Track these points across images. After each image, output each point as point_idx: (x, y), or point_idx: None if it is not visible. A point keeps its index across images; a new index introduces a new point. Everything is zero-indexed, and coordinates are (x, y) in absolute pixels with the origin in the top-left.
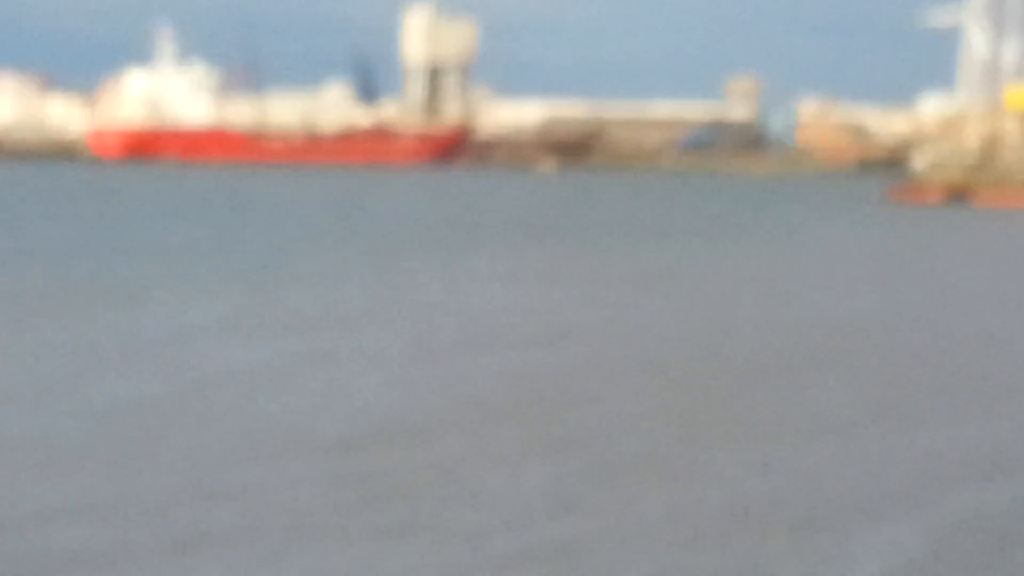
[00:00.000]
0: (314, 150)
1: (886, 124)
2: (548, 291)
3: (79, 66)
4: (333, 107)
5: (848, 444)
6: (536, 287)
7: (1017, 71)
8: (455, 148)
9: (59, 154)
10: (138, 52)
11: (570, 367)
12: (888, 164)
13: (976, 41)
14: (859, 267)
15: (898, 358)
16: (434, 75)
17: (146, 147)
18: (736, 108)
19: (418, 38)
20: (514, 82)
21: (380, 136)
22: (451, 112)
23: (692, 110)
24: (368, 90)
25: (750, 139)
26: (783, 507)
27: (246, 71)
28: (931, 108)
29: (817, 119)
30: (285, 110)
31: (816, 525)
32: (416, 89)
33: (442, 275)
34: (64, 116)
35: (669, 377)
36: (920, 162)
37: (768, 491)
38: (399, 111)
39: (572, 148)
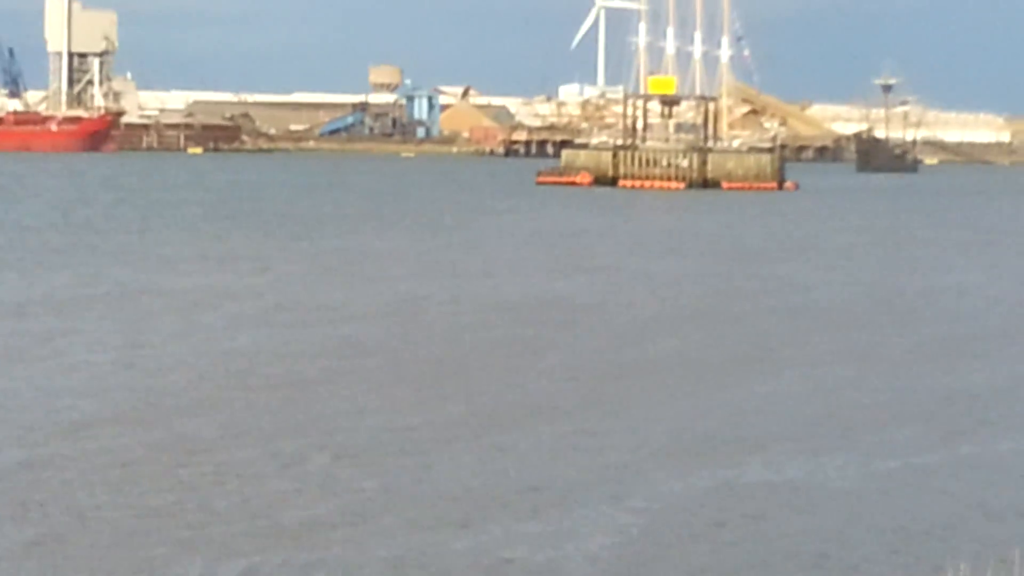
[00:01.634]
0: None
1: (529, 110)
2: (244, 275)
3: None
4: None
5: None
6: (235, 271)
7: (655, 60)
8: (103, 134)
9: None
10: None
11: (292, 348)
12: (535, 147)
13: (607, 32)
14: (533, 247)
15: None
16: (78, 63)
17: None
18: (380, 96)
19: (59, 27)
20: (158, 70)
21: (27, 123)
22: (97, 99)
23: (336, 98)
24: (12, 78)
25: (395, 124)
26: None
27: None
28: (573, 95)
29: (460, 105)
30: None
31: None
32: (60, 77)
33: (134, 258)
34: None
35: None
36: (567, 148)
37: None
38: (45, 98)
39: (219, 132)
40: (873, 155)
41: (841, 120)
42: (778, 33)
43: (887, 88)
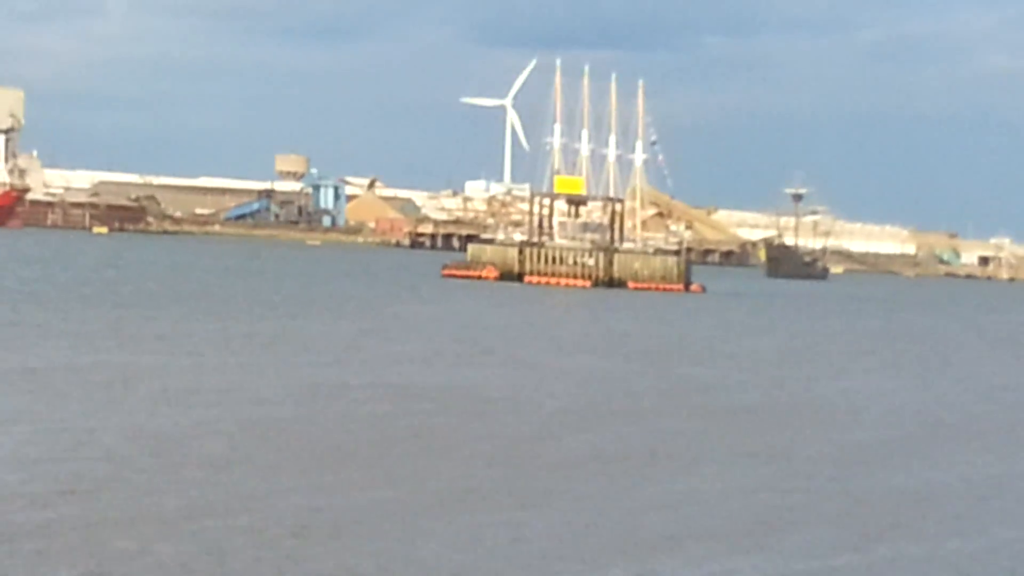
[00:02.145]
0: None
1: (436, 203)
2: (156, 355)
3: None
4: None
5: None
6: (148, 351)
7: (563, 160)
8: (7, 210)
9: None
10: None
11: (206, 429)
12: (440, 241)
13: (520, 132)
14: (443, 338)
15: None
16: None
17: None
18: (286, 184)
19: None
20: (65, 149)
21: None
22: (2, 175)
23: (242, 184)
24: None
25: (301, 213)
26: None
27: None
28: (479, 191)
29: (366, 196)
30: None
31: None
32: None
33: (44, 335)
34: None
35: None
36: (474, 242)
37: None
38: None
39: (125, 213)
40: (783, 261)
41: (747, 226)
42: (690, 139)
43: (797, 197)
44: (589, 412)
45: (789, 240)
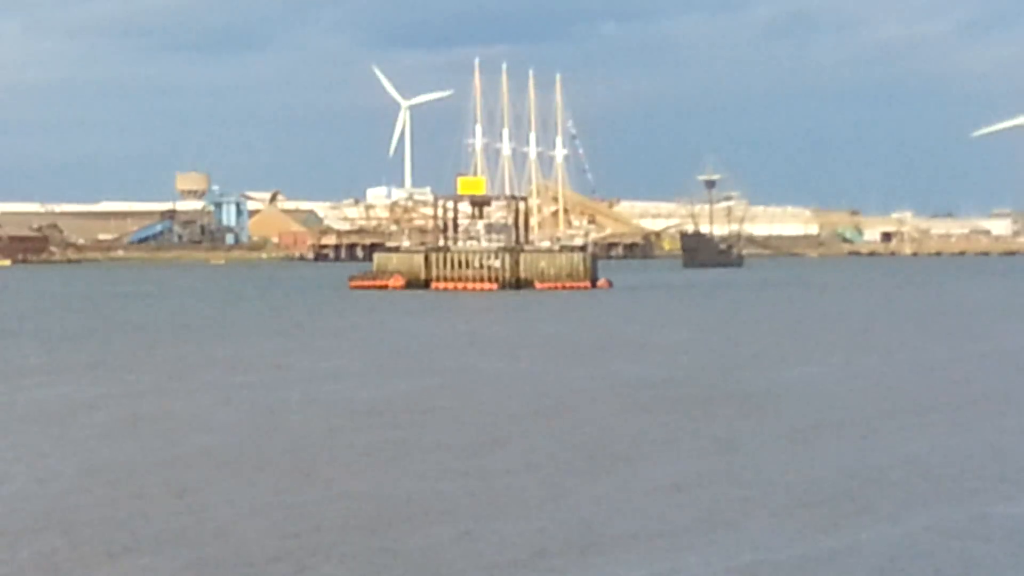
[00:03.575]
0: None
1: (338, 213)
2: (88, 386)
3: None
4: None
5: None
6: (77, 382)
7: (466, 162)
8: None
9: None
10: None
11: (154, 458)
12: (344, 251)
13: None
14: (367, 350)
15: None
16: None
17: None
18: (188, 203)
19: None
20: None
21: None
22: None
23: (144, 206)
24: None
25: (204, 232)
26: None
27: None
28: (381, 198)
29: (268, 211)
30: None
31: None
32: None
33: None
34: None
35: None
36: (379, 252)
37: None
38: None
39: (27, 244)
40: (699, 251)
41: (649, 216)
42: (596, 131)
43: (711, 184)
44: (526, 415)
45: (703, 228)
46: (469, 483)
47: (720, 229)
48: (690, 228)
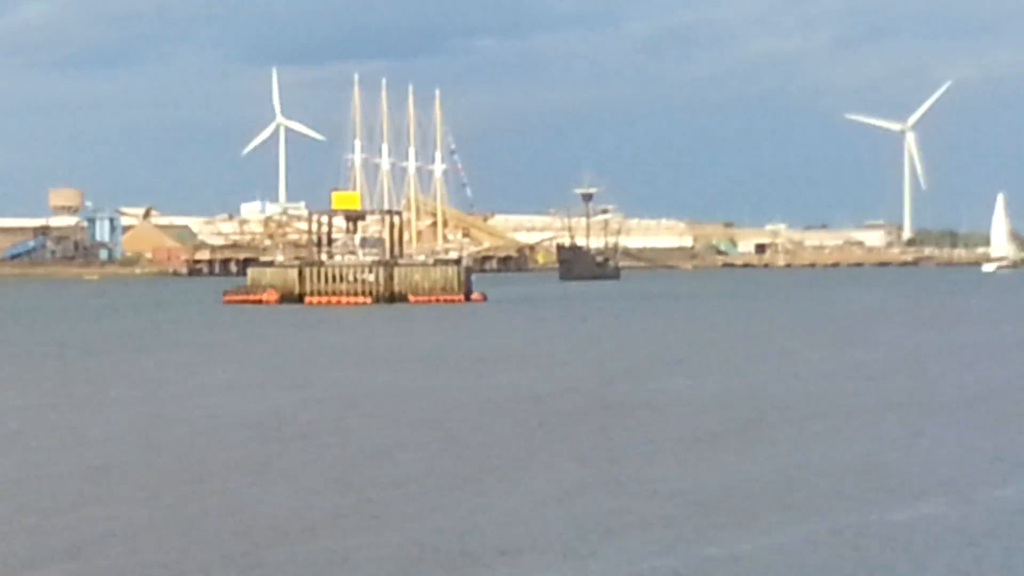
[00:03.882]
0: None
1: (212, 229)
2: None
3: None
4: None
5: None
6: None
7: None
8: None
9: None
10: None
11: (42, 473)
12: (219, 266)
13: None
14: (245, 365)
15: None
16: None
17: None
18: (61, 219)
19: None
20: None
21: None
22: None
23: (17, 222)
24: None
25: (78, 247)
26: None
27: None
28: (255, 213)
29: (142, 226)
30: None
31: None
32: None
33: None
34: None
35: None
36: (253, 266)
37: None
38: None
39: None
40: (576, 263)
41: (523, 229)
42: (474, 145)
43: (587, 197)
44: (410, 428)
45: (580, 241)
46: (348, 497)
47: (596, 242)
48: (566, 241)
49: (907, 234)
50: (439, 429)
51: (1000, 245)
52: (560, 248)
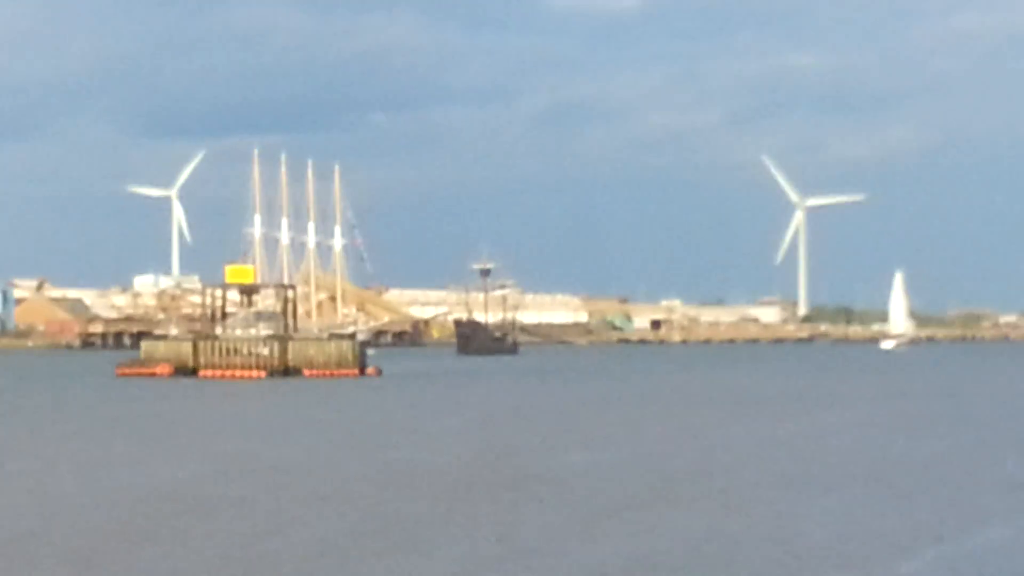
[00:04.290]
0: None
1: (105, 301)
2: None
3: None
4: None
5: None
6: None
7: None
8: None
9: None
10: None
11: None
12: (112, 339)
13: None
14: (136, 438)
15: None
16: None
17: None
18: None
19: None
20: None
21: None
22: None
23: None
24: None
25: None
26: None
27: None
28: (148, 286)
29: (35, 299)
30: None
31: None
32: None
33: None
34: None
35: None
36: (146, 339)
37: None
38: None
39: None
40: (473, 338)
41: (418, 304)
42: (371, 218)
43: (485, 272)
44: (307, 501)
45: (477, 315)
46: (249, 570)
47: (493, 317)
48: (460, 315)
49: (802, 310)
50: (340, 503)
51: (899, 322)
52: (458, 323)
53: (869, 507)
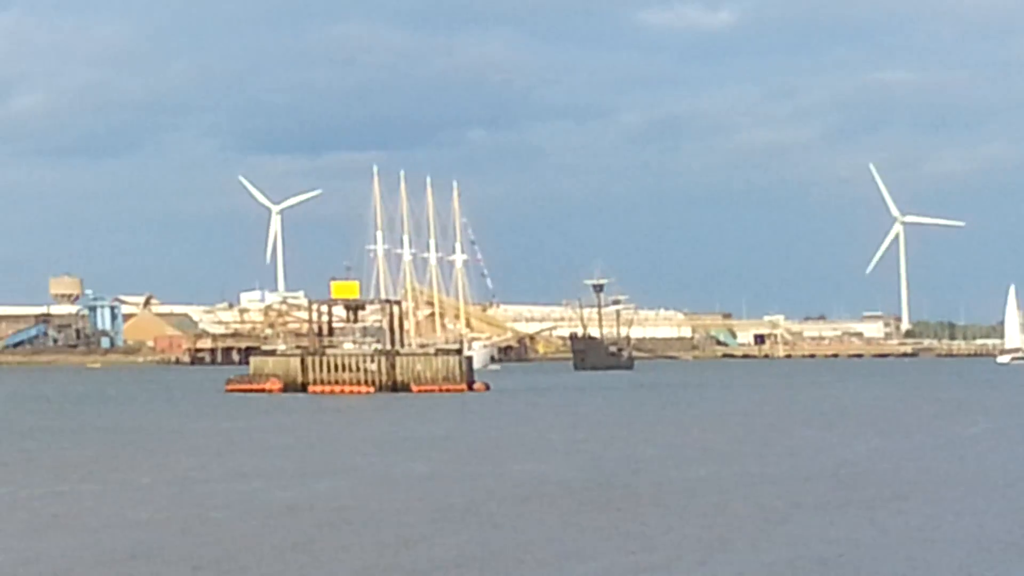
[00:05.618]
0: None
1: (212, 317)
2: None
3: None
4: None
5: None
6: None
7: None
8: None
9: None
10: None
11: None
12: (220, 355)
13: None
14: (263, 453)
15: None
16: None
17: None
18: (62, 307)
19: None
20: None
21: None
22: None
23: (18, 310)
24: None
25: (79, 335)
26: None
27: None
28: (255, 302)
29: (143, 315)
30: None
31: None
32: None
33: None
34: None
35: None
36: (255, 355)
37: None
38: None
39: None
40: (590, 353)
41: (523, 320)
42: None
43: (599, 288)
44: (443, 515)
45: (592, 331)
46: None
47: (599, 332)
48: (568, 331)
49: (905, 325)
50: (471, 516)
51: (1014, 336)
52: (574, 338)
53: None
